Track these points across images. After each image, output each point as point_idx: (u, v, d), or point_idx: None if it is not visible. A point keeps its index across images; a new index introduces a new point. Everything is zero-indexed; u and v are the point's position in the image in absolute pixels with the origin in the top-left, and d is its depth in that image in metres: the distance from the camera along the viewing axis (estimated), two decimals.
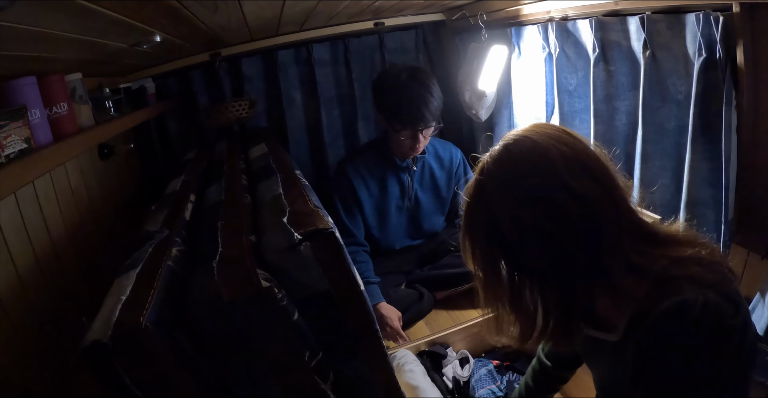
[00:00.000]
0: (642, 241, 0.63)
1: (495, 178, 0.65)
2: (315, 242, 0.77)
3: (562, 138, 0.64)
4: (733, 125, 1.02)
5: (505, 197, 0.64)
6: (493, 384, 1.36)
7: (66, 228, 1.17)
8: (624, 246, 0.61)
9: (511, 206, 0.63)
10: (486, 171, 0.66)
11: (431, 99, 1.54)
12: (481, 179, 0.67)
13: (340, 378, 0.82)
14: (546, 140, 0.63)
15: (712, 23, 0.97)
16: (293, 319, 0.74)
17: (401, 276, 1.76)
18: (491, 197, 0.65)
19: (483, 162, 0.68)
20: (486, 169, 0.66)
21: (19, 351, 0.88)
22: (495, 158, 0.66)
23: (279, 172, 1.16)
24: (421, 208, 1.78)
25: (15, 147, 0.83)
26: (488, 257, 0.68)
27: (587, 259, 0.61)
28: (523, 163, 0.63)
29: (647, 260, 0.61)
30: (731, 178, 1.05)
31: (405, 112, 1.53)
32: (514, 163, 0.64)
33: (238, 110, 1.89)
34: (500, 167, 0.65)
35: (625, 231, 0.61)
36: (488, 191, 0.65)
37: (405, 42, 2.18)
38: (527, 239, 0.62)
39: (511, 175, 0.64)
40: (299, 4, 1.32)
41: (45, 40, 0.81)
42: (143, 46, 1.20)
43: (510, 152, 0.65)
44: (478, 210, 0.68)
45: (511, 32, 1.72)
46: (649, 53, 1.16)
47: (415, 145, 1.60)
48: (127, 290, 0.72)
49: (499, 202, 0.64)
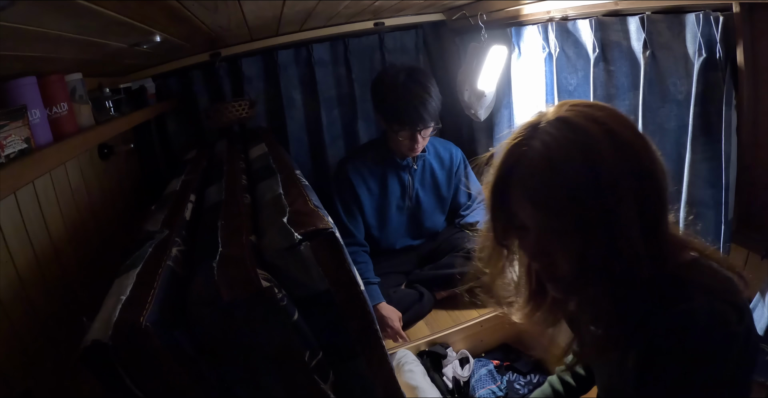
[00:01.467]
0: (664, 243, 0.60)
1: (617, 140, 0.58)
2: (315, 242, 0.77)
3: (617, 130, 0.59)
4: (733, 125, 1.02)
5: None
6: (493, 384, 1.36)
7: (66, 228, 1.17)
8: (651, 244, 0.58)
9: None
10: (600, 134, 0.58)
11: (429, 100, 1.55)
12: (594, 134, 0.58)
13: (340, 378, 0.82)
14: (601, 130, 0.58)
15: (712, 23, 0.97)
16: (293, 319, 0.74)
17: (401, 276, 1.76)
18: (592, 158, 0.57)
19: (592, 120, 0.59)
20: (599, 134, 0.58)
21: (19, 351, 0.88)
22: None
23: (279, 172, 1.16)
24: (421, 208, 1.78)
25: (15, 147, 0.83)
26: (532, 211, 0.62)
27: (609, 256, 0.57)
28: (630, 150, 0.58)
29: (663, 262, 0.59)
30: (731, 178, 1.04)
31: (403, 113, 1.54)
32: (631, 148, 0.58)
33: (238, 110, 1.89)
34: (622, 134, 0.58)
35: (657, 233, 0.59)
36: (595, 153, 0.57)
37: (405, 42, 2.18)
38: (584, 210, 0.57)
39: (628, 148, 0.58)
40: (299, 4, 1.32)
41: (45, 40, 0.81)
42: (143, 46, 1.20)
43: (622, 133, 0.58)
44: (571, 158, 0.58)
45: (511, 32, 1.72)
46: (649, 53, 1.16)
47: (413, 145, 1.60)
48: (127, 290, 0.72)
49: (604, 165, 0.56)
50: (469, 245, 1.68)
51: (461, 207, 1.83)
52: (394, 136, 1.61)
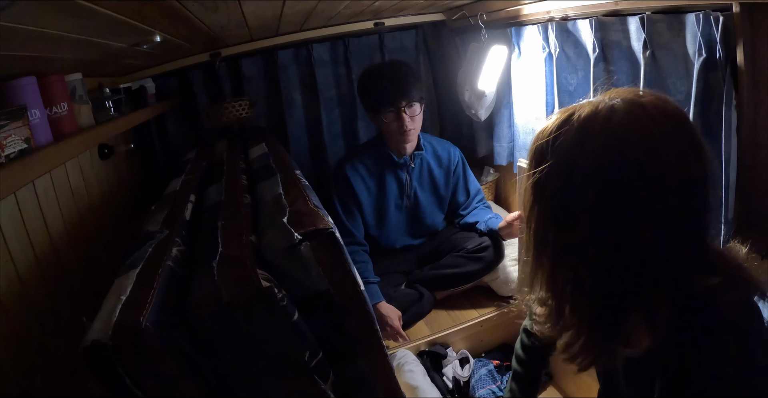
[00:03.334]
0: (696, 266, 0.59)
1: (596, 142, 0.56)
2: (315, 242, 0.78)
3: (686, 136, 0.57)
4: (733, 125, 1.02)
5: (598, 173, 0.56)
6: (493, 384, 1.36)
7: (66, 228, 1.17)
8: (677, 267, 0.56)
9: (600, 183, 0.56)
10: (588, 132, 0.57)
11: (406, 76, 1.59)
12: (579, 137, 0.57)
13: (340, 378, 0.82)
14: (672, 133, 0.56)
15: (712, 23, 0.97)
16: (293, 319, 0.74)
17: (401, 276, 1.76)
18: (581, 160, 0.57)
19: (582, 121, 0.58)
20: (588, 130, 0.57)
21: (19, 351, 0.88)
22: (603, 120, 0.57)
23: (279, 172, 1.16)
24: (420, 207, 1.78)
25: (15, 147, 0.83)
26: (542, 223, 0.62)
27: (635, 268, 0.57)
28: (638, 148, 0.55)
29: (689, 283, 0.58)
30: (731, 178, 1.04)
31: (383, 92, 1.58)
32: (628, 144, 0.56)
33: (238, 110, 1.89)
34: (605, 134, 0.56)
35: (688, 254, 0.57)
36: (582, 156, 0.57)
37: (405, 42, 2.18)
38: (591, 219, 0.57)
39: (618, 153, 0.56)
40: (299, 4, 1.32)
41: (45, 40, 0.81)
42: (143, 46, 1.20)
43: (626, 127, 0.56)
44: (559, 169, 0.59)
45: (511, 32, 1.72)
46: (649, 53, 1.16)
47: (402, 126, 1.59)
48: (127, 290, 0.72)
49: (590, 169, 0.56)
50: (469, 245, 1.70)
51: (460, 207, 1.83)
52: (385, 126, 1.62)
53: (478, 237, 1.71)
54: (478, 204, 1.83)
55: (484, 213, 1.77)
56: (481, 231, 1.70)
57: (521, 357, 0.98)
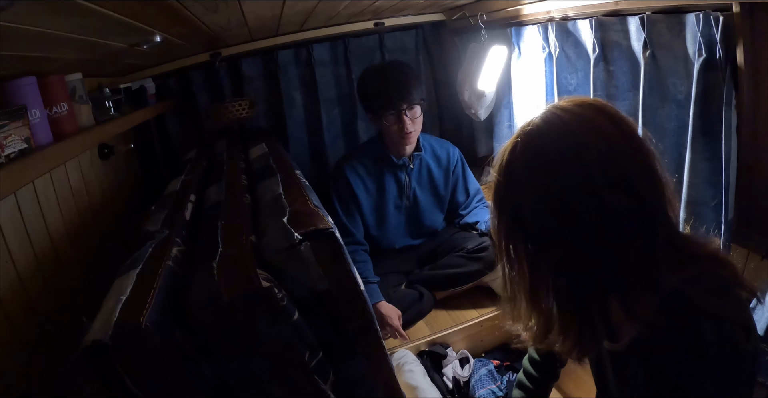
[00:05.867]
0: (668, 255, 0.59)
1: (524, 158, 0.61)
2: (315, 242, 0.78)
3: (605, 131, 0.58)
4: (733, 125, 1.02)
5: (530, 182, 0.60)
6: (493, 384, 1.36)
7: (66, 228, 1.17)
8: (648, 260, 0.57)
9: (534, 193, 0.59)
10: (517, 148, 0.61)
11: (407, 79, 1.58)
12: (510, 158, 0.62)
13: (340, 378, 0.82)
14: (586, 133, 0.58)
15: (712, 23, 0.97)
16: (293, 319, 0.74)
17: (401, 276, 1.75)
18: (517, 177, 0.61)
19: (516, 137, 0.62)
20: (517, 147, 0.61)
21: (19, 351, 0.88)
22: (528, 136, 0.61)
23: (279, 171, 1.16)
24: (420, 206, 1.78)
25: (15, 147, 0.83)
26: (510, 240, 0.65)
27: (605, 267, 0.58)
28: (554, 154, 0.58)
29: (666, 275, 0.58)
30: (731, 178, 1.04)
31: (384, 94, 1.57)
32: (545, 151, 0.59)
33: (238, 110, 1.89)
34: (529, 150, 0.60)
35: (653, 245, 0.57)
36: (515, 170, 0.61)
37: (405, 42, 2.18)
38: (545, 231, 0.59)
39: (540, 162, 0.59)
40: (299, 4, 1.32)
41: (45, 40, 0.81)
42: (143, 46, 1.20)
43: (543, 135, 0.60)
44: (504, 188, 0.64)
45: (511, 32, 1.72)
46: (649, 53, 1.16)
47: (402, 129, 1.59)
48: (127, 290, 0.72)
49: (523, 185, 0.60)
50: (469, 245, 1.70)
51: (460, 207, 1.83)
52: (386, 128, 1.62)
53: (478, 237, 1.71)
54: (478, 204, 1.83)
55: (484, 212, 1.77)
56: (481, 231, 1.70)
57: (532, 374, 0.99)
